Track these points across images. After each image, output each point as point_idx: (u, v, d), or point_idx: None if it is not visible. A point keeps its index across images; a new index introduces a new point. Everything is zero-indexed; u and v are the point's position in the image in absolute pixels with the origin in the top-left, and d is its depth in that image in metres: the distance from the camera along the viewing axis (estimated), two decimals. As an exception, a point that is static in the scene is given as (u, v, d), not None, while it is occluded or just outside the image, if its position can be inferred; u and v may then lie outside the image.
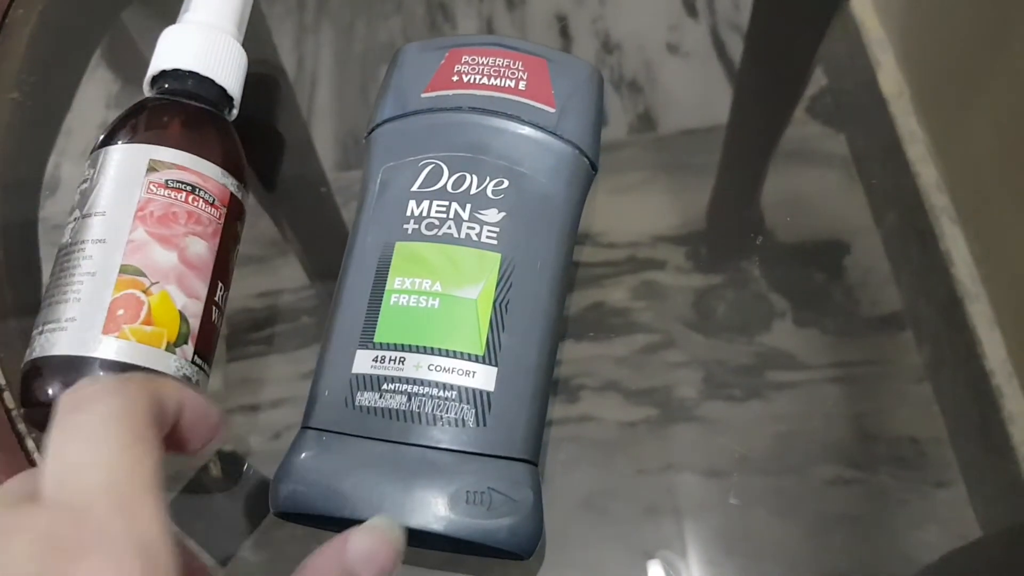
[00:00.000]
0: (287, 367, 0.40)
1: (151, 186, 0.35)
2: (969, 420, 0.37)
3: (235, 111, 0.40)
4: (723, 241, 0.42)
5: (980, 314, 0.39)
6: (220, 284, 0.36)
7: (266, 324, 0.41)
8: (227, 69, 0.38)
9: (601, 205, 0.41)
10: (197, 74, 0.38)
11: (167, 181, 0.35)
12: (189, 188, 0.35)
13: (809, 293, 0.40)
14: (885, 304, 0.40)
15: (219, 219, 0.36)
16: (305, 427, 0.32)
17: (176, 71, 0.38)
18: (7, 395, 0.41)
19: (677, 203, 0.42)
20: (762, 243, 0.41)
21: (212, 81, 0.38)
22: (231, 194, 0.37)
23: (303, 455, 0.31)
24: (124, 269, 0.34)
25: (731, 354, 0.39)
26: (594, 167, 0.35)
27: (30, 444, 0.40)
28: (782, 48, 0.47)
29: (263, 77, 0.47)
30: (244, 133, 0.39)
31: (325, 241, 0.44)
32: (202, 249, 0.35)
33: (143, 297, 0.33)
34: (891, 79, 0.44)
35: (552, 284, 0.33)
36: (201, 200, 0.35)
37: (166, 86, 0.38)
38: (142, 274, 0.34)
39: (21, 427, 0.40)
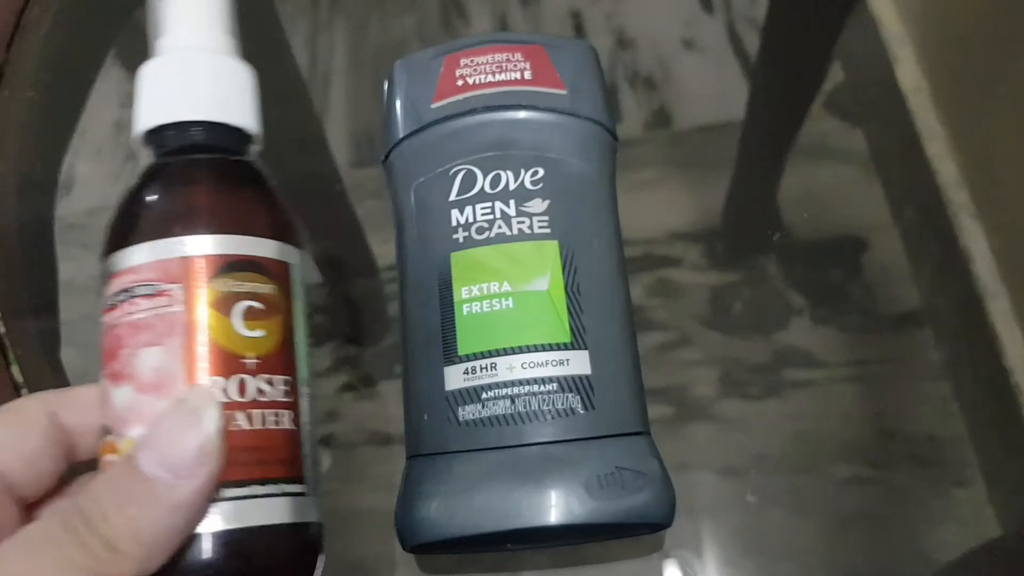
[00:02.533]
0: (302, 366, 0.40)
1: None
2: (988, 418, 0.37)
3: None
4: (739, 238, 0.41)
5: (1000, 311, 0.38)
6: (206, 378, 0.27)
7: (281, 322, 0.41)
8: (241, 101, 0.31)
9: (617, 202, 0.41)
10: (211, 123, 0.30)
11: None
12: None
13: (827, 290, 0.40)
14: (903, 302, 0.39)
15: (169, 304, 0.27)
16: (413, 456, 0.32)
17: (180, 124, 0.30)
18: (24, 393, 0.41)
19: (693, 200, 0.42)
20: (779, 240, 0.41)
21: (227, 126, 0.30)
22: (179, 259, 0.27)
23: (423, 484, 0.31)
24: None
25: (748, 352, 0.39)
26: (615, 137, 0.35)
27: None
28: (799, 43, 0.47)
29: (276, 75, 0.47)
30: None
31: (339, 239, 0.44)
32: (154, 359, 0.27)
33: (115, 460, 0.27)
34: (909, 74, 0.44)
35: (613, 257, 0.33)
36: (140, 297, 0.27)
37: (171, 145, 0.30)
38: (109, 432, 0.27)
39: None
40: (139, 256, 0.27)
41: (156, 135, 0.30)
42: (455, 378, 0.31)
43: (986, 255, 0.39)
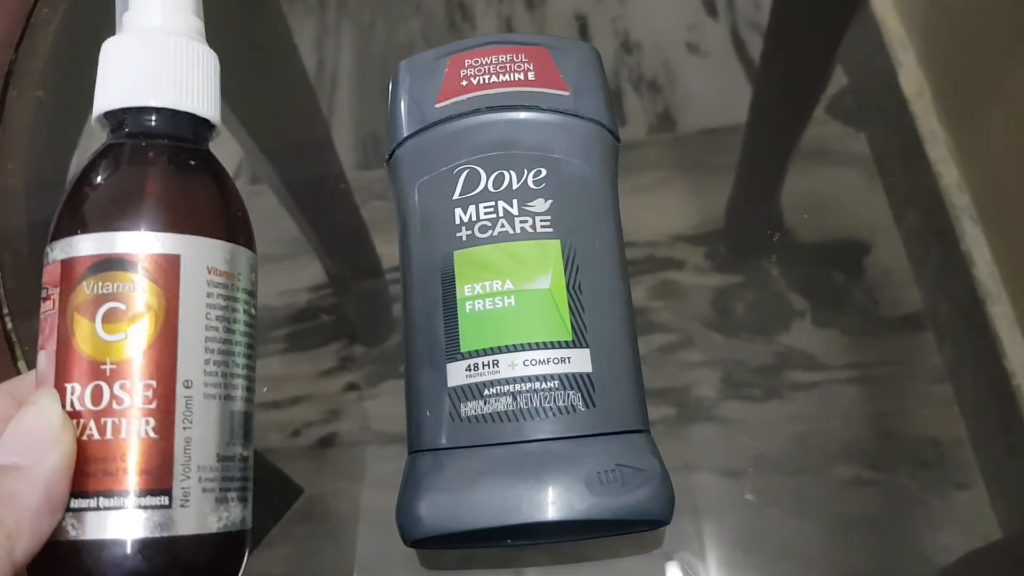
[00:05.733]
0: (306, 365, 0.40)
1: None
2: (990, 421, 0.37)
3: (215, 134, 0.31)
4: (742, 241, 0.42)
5: (1001, 315, 0.39)
6: (68, 386, 0.26)
7: (286, 322, 0.41)
8: (205, 89, 0.29)
9: (620, 204, 0.41)
10: (174, 111, 0.29)
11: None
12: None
13: (829, 293, 0.40)
14: (905, 304, 0.39)
15: (52, 307, 0.27)
16: (414, 451, 0.32)
17: (144, 109, 0.28)
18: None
19: (696, 202, 0.42)
20: (782, 243, 0.41)
21: (191, 116, 0.29)
22: (61, 262, 0.27)
23: (424, 479, 0.31)
24: None
25: (750, 354, 0.39)
26: (617, 138, 0.35)
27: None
28: (802, 47, 0.47)
29: (283, 77, 0.47)
30: (262, 133, 0.39)
31: (345, 240, 0.44)
32: (41, 363, 0.27)
33: None
34: (912, 78, 0.44)
35: (615, 257, 0.33)
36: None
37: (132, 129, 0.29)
38: None
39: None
40: (45, 258, 0.28)
41: (106, 119, 0.29)
42: (457, 375, 0.31)
43: (987, 258, 0.40)
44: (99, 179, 0.28)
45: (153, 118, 0.28)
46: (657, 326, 0.39)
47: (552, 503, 0.29)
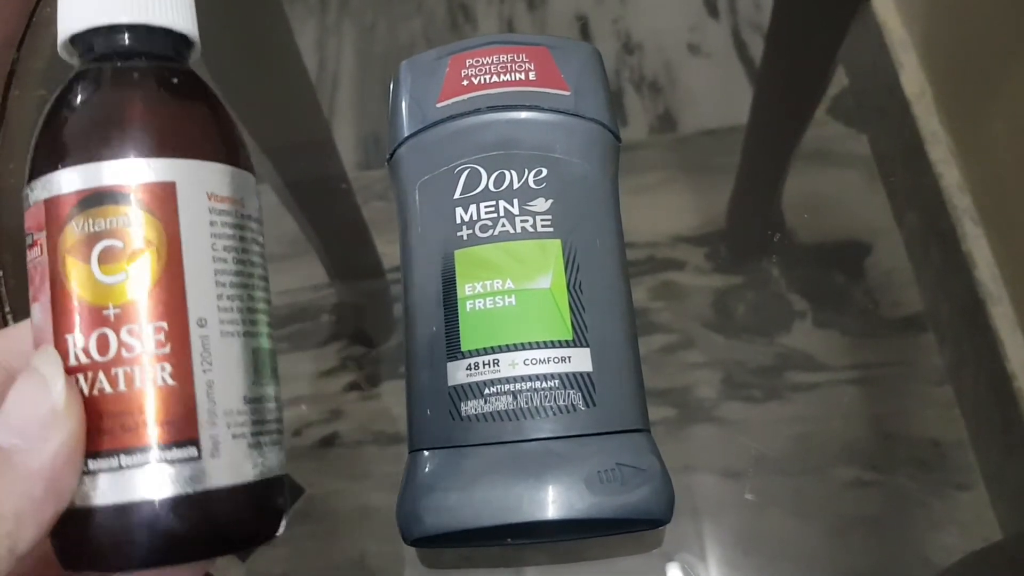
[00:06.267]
0: (308, 364, 0.40)
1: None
2: (990, 422, 0.37)
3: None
4: (743, 241, 0.42)
5: (1002, 316, 0.39)
6: (69, 337, 0.24)
7: (287, 322, 0.41)
8: (179, 1, 0.26)
9: (621, 205, 0.41)
10: (150, 26, 0.26)
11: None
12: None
13: (829, 294, 0.40)
14: (906, 305, 0.39)
15: (40, 253, 0.24)
16: (415, 450, 0.32)
17: (116, 27, 0.25)
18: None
19: (697, 203, 0.42)
20: (782, 244, 0.41)
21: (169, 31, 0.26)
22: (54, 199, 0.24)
23: (424, 478, 0.31)
24: None
25: (750, 355, 0.39)
26: (617, 138, 0.35)
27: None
28: (803, 48, 0.47)
29: (284, 76, 0.47)
30: (263, 133, 0.40)
31: (346, 240, 0.44)
32: (36, 316, 0.25)
33: None
34: (913, 80, 0.44)
35: (615, 257, 0.34)
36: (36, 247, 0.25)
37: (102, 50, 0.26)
38: None
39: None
40: (25, 201, 0.25)
41: (74, 47, 0.26)
42: (458, 374, 0.31)
43: (988, 260, 0.40)
44: (76, 106, 0.25)
45: (127, 36, 0.25)
46: (658, 327, 0.39)
47: (552, 502, 0.29)
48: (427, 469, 0.31)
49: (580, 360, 0.31)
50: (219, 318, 0.24)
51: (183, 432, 0.23)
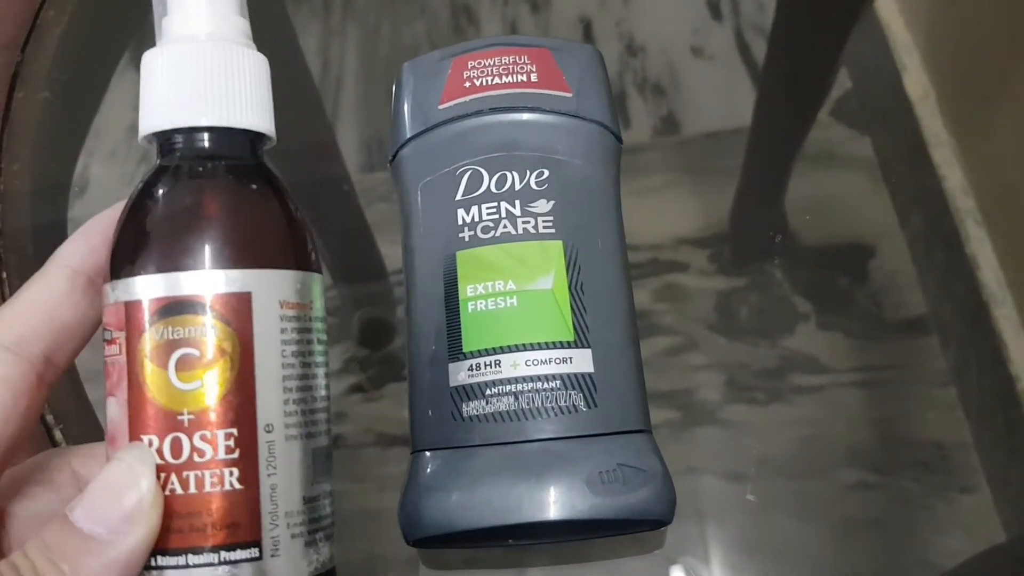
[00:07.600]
0: (311, 366, 0.40)
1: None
2: (994, 425, 0.37)
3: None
4: (746, 244, 0.42)
5: (1006, 318, 0.38)
6: (144, 438, 0.24)
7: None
8: (258, 100, 0.27)
9: (624, 207, 0.41)
10: (227, 128, 0.26)
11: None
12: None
13: (833, 296, 0.40)
14: (910, 308, 0.39)
15: (119, 352, 0.25)
16: (417, 451, 0.32)
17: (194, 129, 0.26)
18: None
19: (700, 205, 0.42)
20: (786, 246, 0.41)
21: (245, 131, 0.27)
22: (124, 304, 0.25)
23: (426, 479, 0.31)
24: None
25: (754, 357, 0.39)
26: (619, 140, 0.35)
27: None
28: (807, 50, 0.47)
29: (288, 79, 0.47)
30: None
31: (349, 242, 0.44)
32: (112, 411, 0.25)
33: None
34: (916, 82, 0.44)
35: (617, 258, 0.34)
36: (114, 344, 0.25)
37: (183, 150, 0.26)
38: None
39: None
40: (106, 297, 0.25)
41: (155, 138, 0.27)
42: (459, 374, 0.31)
43: (992, 262, 0.39)
44: (156, 211, 0.26)
45: (206, 138, 0.26)
46: (661, 329, 0.39)
47: (554, 503, 0.29)
48: (429, 470, 0.31)
49: (581, 361, 0.31)
50: (284, 422, 0.25)
51: (247, 534, 0.24)
